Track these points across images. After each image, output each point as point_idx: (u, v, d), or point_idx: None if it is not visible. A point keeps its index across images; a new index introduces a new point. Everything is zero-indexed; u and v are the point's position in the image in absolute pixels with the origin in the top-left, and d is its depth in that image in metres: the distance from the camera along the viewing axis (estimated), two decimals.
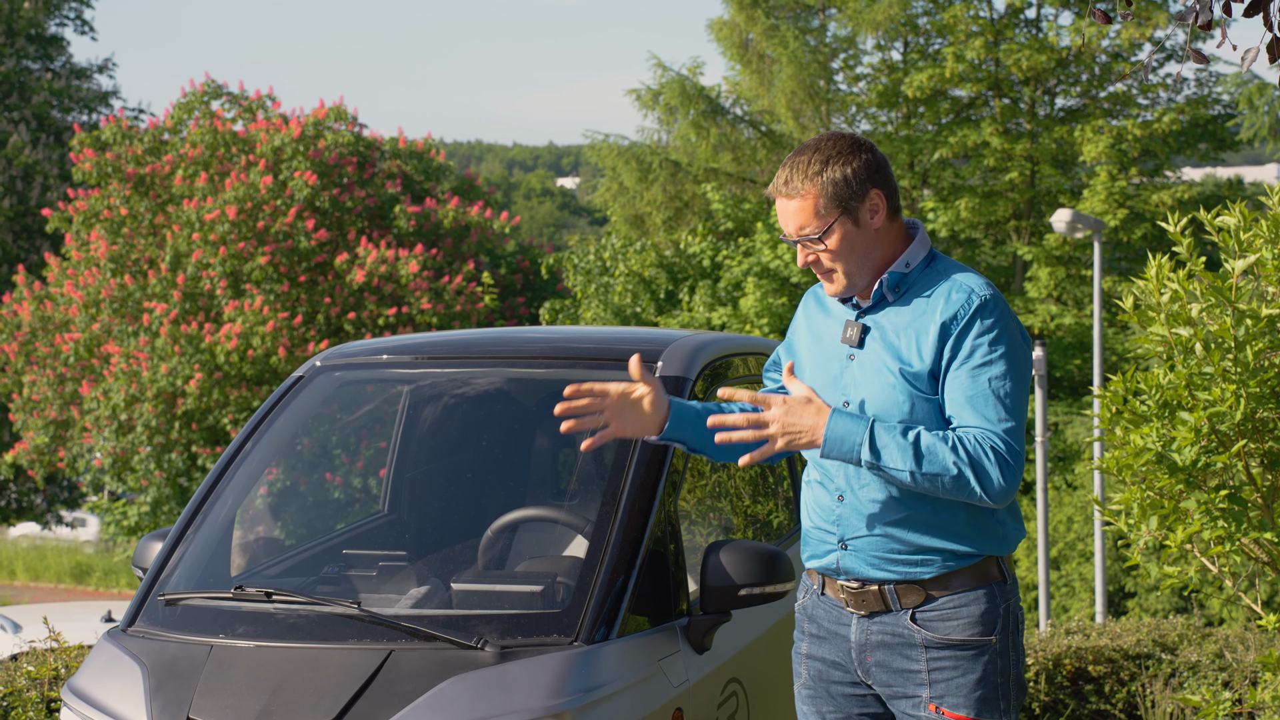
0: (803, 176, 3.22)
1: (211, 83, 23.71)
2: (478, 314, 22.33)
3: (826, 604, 3.33)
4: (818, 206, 3.21)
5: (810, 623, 3.37)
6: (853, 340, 3.25)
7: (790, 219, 3.24)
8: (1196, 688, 6.30)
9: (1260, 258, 4.19)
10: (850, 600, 3.27)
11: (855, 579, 3.25)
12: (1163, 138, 23.75)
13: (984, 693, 3.20)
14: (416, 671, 3.51)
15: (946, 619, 3.19)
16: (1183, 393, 4.17)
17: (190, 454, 21.83)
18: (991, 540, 3.21)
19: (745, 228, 24.60)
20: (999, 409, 3.11)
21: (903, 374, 3.17)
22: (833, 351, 3.29)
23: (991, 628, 3.20)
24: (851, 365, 3.24)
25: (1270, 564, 4.33)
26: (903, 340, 3.20)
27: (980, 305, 3.16)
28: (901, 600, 3.21)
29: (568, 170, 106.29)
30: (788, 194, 3.23)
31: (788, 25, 24.19)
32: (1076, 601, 18.61)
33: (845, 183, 3.21)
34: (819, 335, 3.34)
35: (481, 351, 4.69)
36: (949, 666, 3.19)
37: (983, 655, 3.20)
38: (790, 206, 3.23)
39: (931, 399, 3.16)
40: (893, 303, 3.25)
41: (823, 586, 3.33)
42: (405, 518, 4.89)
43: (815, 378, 3.30)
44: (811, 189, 3.21)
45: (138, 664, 3.73)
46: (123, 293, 21.96)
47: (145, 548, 4.27)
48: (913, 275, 3.26)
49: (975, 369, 3.13)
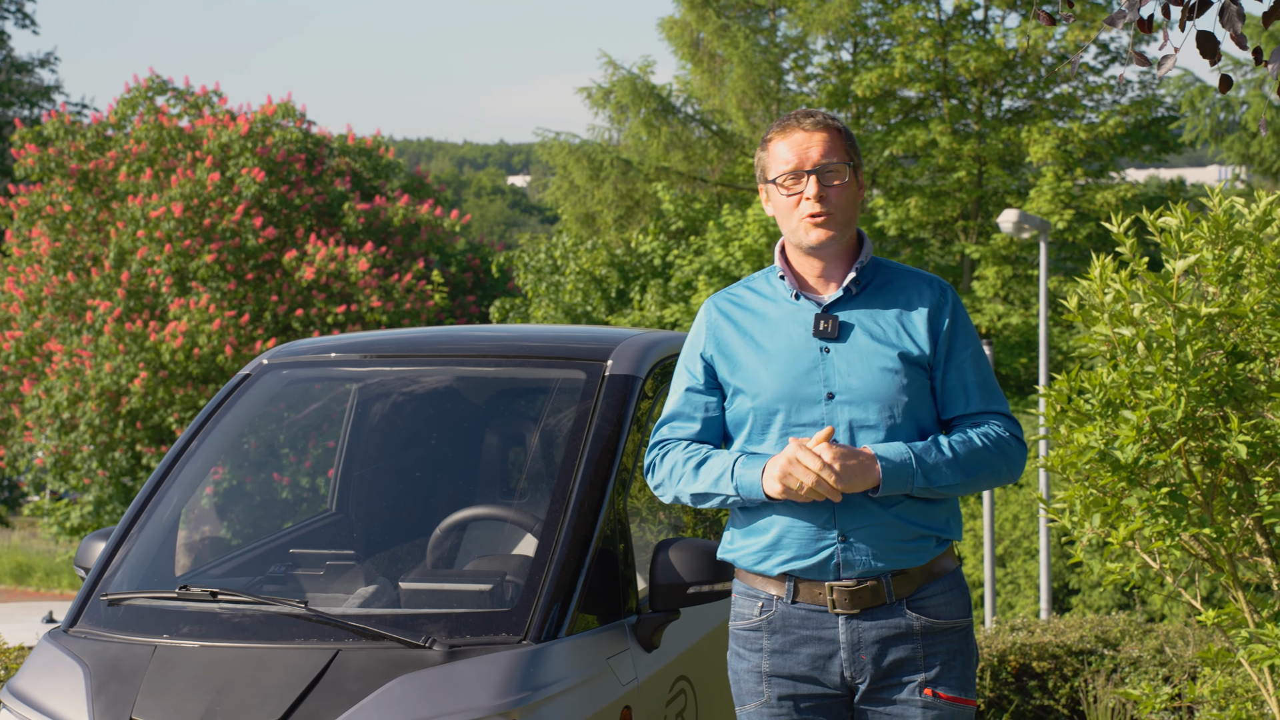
0: (827, 117, 3.28)
1: (156, 78, 23.49)
2: (428, 312, 22.25)
3: (801, 611, 3.22)
4: (844, 145, 3.28)
5: (774, 637, 3.25)
6: (829, 333, 3.24)
7: (815, 147, 3.24)
8: (1137, 683, 6.37)
9: (1201, 258, 4.24)
10: (841, 600, 3.20)
11: (853, 576, 3.19)
12: (1107, 139, 24.01)
13: (969, 672, 3.29)
14: (364, 671, 3.49)
15: (938, 604, 3.24)
16: (1125, 391, 4.22)
17: (134, 453, 21.63)
18: (955, 524, 3.30)
19: (696, 227, 24.65)
20: (999, 392, 3.32)
21: (903, 358, 3.22)
22: (799, 346, 3.25)
23: (967, 609, 3.31)
24: (829, 358, 3.23)
25: (1209, 560, 4.39)
26: (887, 329, 3.25)
27: (954, 296, 3.33)
28: (896, 591, 3.21)
29: (519, 168, 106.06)
30: (814, 126, 3.26)
31: (738, 25, 24.25)
32: (1021, 598, 18.77)
33: (854, 141, 3.33)
34: (768, 334, 3.29)
35: (430, 350, 4.67)
36: (942, 650, 3.24)
37: (965, 636, 3.30)
38: (816, 136, 3.25)
39: (924, 383, 3.24)
40: (857, 295, 3.28)
41: (794, 594, 3.23)
42: (353, 517, 4.87)
43: (780, 375, 3.24)
44: (836, 129, 3.27)
45: (79, 665, 3.69)
46: (65, 290, 21.73)
47: (88, 547, 4.23)
48: (868, 271, 3.32)
49: (972, 356, 3.30)
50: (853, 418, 3.19)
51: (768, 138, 3.32)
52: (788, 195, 3.25)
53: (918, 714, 3.22)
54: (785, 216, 3.28)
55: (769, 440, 3.23)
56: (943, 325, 3.27)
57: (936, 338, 3.26)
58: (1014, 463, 3.26)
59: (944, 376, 3.26)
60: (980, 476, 3.22)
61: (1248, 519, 4.34)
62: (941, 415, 3.29)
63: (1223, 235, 4.31)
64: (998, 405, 3.29)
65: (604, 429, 4.00)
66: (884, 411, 3.19)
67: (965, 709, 3.27)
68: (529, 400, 4.88)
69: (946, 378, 3.26)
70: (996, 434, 3.24)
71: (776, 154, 3.27)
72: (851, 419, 3.19)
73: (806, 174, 3.23)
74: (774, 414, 3.23)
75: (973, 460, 3.20)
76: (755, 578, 3.29)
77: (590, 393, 4.13)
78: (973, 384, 3.27)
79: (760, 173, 3.35)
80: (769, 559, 3.24)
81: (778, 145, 3.28)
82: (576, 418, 4.08)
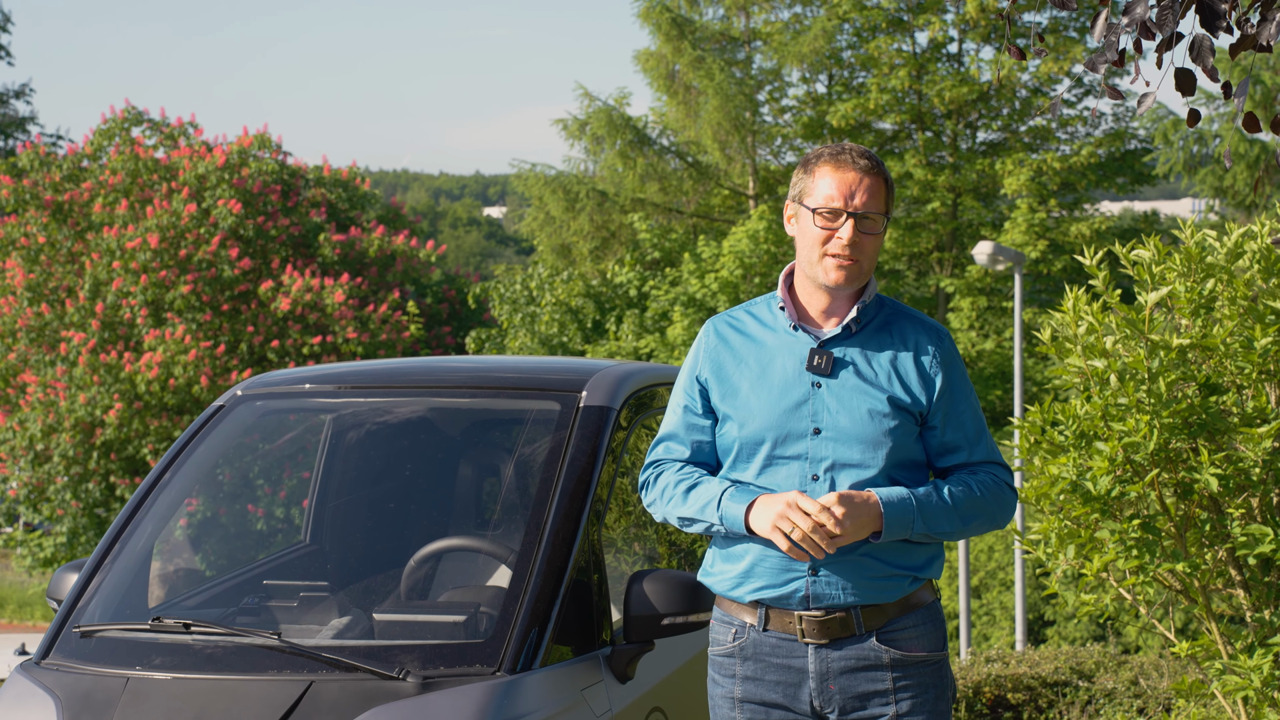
0: (878, 164, 3.27)
1: (132, 109, 23.48)
2: (403, 343, 22.22)
3: (772, 639, 3.24)
4: (885, 196, 3.27)
5: (745, 663, 3.26)
6: (821, 368, 3.23)
7: (862, 192, 3.21)
8: (1112, 715, 6.38)
9: (1173, 290, 4.27)
10: (810, 630, 3.21)
11: (822, 607, 3.20)
12: (1081, 171, 24.18)
13: (942, 706, 3.29)
14: (337, 702, 3.48)
15: (909, 637, 3.24)
16: (1098, 423, 4.24)
17: (108, 484, 21.51)
18: (936, 562, 3.30)
19: (672, 258, 24.70)
20: (993, 442, 3.34)
21: (892, 402, 3.22)
22: (790, 379, 3.25)
23: (941, 643, 3.31)
24: (820, 393, 3.23)
25: (1183, 592, 4.40)
26: (880, 372, 3.24)
27: (952, 345, 3.33)
28: (866, 623, 3.21)
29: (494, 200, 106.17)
30: (867, 170, 3.23)
31: (714, 57, 24.36)
32: (997, 630, 18.78)
33: (893, 191, 3.33)
34: (762, 363, 3.29)
35: (405, 380, 4.67)
36: (914, 683, 3.24)
37: (939, 670, 3.29)
38: (866, 181, 3.22)
39: (911, 429, 3.25)
40: (856, 334, 3.28)
41: (765, 621, 3.25)
42: (327, 548, 4.85)
43: (770, 406, 3.24)
44: (883, 178, 3.27)
45: (51, 697, 3.66)
46: (40, 321, 21.64)
47: (60, 579, 4.21)
48: (871, 309, 3.32)
49: (970, 409, 3.31)
50: (836, 455, 3.20)
51: (814, 162, 3.27)
52: (820, 228, 3.23)
53: None
54: (809, 247, 3.26)
55: (752, 468, 3.24)
56: (939, 377, 3.27)
57: (931, 389, 3.26)
58: (1007, 511, 3.32)
59: (943, 429, 3.28)
60: (975, 524, 3.26)
61: (1221, 550, 4.35)
62: (936, 464, 3.31)
63: (1195, 268, 4.34)
64: (994, 455, 3.33)
65: (579, 460, 4.00)
66: (867, 452, 3.20)
67: None
68: (504, 431, 4.88)
69: (946, 431, 3.28)
70: (993, 483, 3.28)
71: (821, 184, 3.24)
72: (835, 456, 3.20)
73: (847, 215, 3.22)
74: (760, 444, 3.23)
75: (970, 508, 3.24)
76: (730, 604, 3.31)
77: (565, 424, 4.13)
78: (972, 437, 3.30)
79: (796, 193, 3.30)
80: (742, 585, 3.26)
81: (826, 176, 3.24)
82: (551, 448, 4.07)
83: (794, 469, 3.20)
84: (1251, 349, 4.21)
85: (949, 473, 3.31)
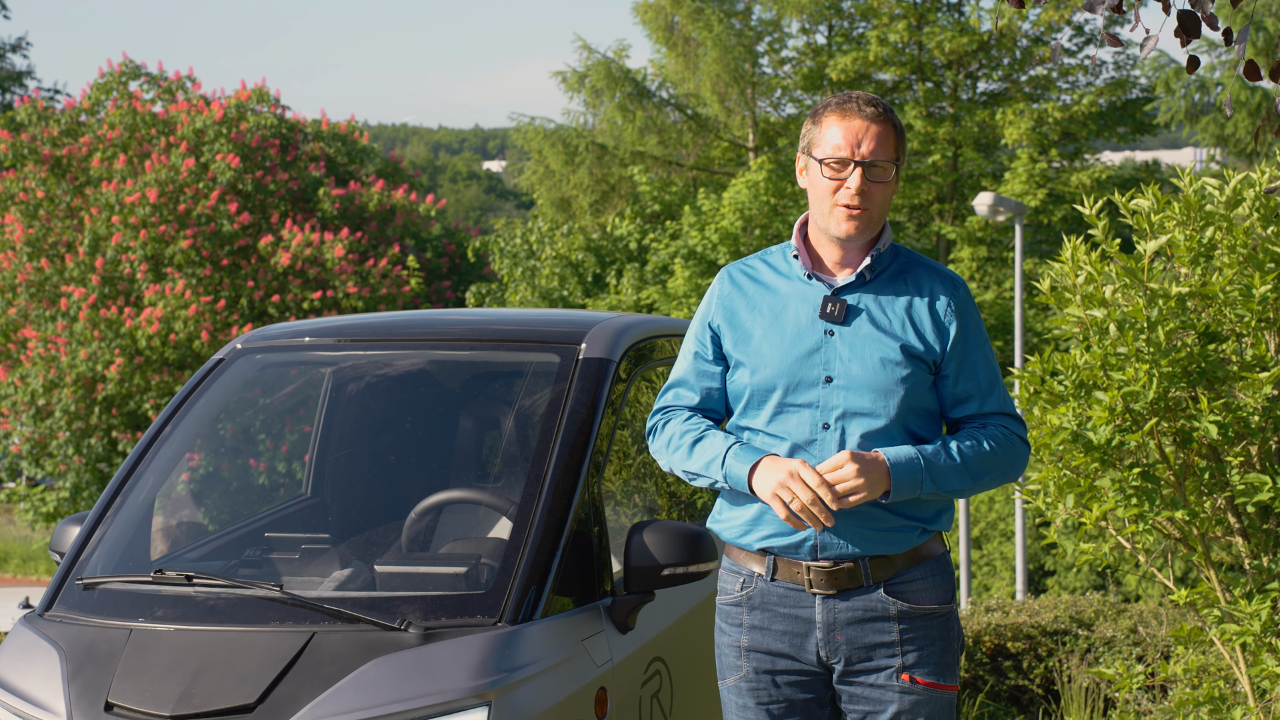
0: (885, 110, 3.21)
1: (130, 63, 23.36)
2: (403, 297, 22.21)
3: (780, 589, 3.23)
4: (895, 142, 3.22)
5: (752, 612, 3.26)
6: (835, 316, 3.21)
7: (869, 140, 3.17)
8: (1111, 662, 6.42)
9: (1172, 239, 4.26)
10: (818, 580, 3.20)
11: (830, 557, 3.19)
12: (1082, 120, 24.08)
13: (948, 658, 3.28)
14: (339, 653, 3.49)
15: (916, 589, 3.23)
16: (1098, 373, 4.24)
17: (110, 439, 21.56)
18: (946, 514, 3.29)
19: (672, 210, 24.65)
20: (1006, 392, 3.30)
21: (905, 350, 3.19)
22: (804, 326, 3.23)
23: (950, 596, 3.30)
24: (833, 341, 3.21)
25: (1182, 540, 4.42)
26: (894, 320, 3.22)
27: (967, 294, 3.29)
28: (874, 574, 3.21)
29: (494, 153, 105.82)
30: (874, 116, 3.19)
31: (713, 8, 24.23)
32: (997, 580, 18.87)
33: (904, 138, 3.27)
34: (775, 311, 3.27)
35: (405, 333, 4.67)
36: (920, 635, 3.23)
37: (946, 622, 3.29)
38: (874, 129, 3.18)
39: (924, 378, 3.22)
40: (870, 282, 3.26)
41: (773, 571, 3.24)
42: (328, 500, 4.86)
43: (782, 353, 3.23)
44: (892, 124, 3.22)
45: (55, 648, 3.69)
46: (39, 277, 21.62)
47: (63, 532, 4.22)
48: (886, 257, 3.29)
49: (983, 358, 3.28)
50: (848, 404, 3.18)
51: (821, 112, 3.24)
52: (829, 179, 3.20)
53: (895, 699, 3.22)
54: (820, 198, 3.23)
55: (763, 416, 3.23)
56: (953, 325, 3.24)
57: (945, 337, 3.23)
58: (1019, 464, 3.28)
59: (956, 378, 3.25)
60: (986, 480, 3.24)
61: (1220, 499, 4.37)
62: (949, 414, 3.29)
63: (1194, 216, 4.33)
64: (1007, 406, 3.29)
65: (578, 412, 4.01)
66: (879, 400, 3.18)
67: (944, 694, 3.27)
68: (503, 384, 4.88)
69: (959, 381, 3.25)
70: (1004, 436, 3.25)
71: (828, 134, 3.21)
72: (846, 405, 3.18)
73: (854, 164, 3.18)
74: (771, 391, 3.22)
75: (980, 464, 3.21)
76: (739, 553, 3.30)
77: (564, 376, 4.13)
78: (985, 387, 3.27)
79: (805, 144, 3.27)
80: (750, 533, 3.26)
81: (832, 126, 3.21)
82: (551, 401, 4.08)
83: (805, 417, 3.19)
84: (1250, 297, 4.20)
85: (962, 423, 3.29)
